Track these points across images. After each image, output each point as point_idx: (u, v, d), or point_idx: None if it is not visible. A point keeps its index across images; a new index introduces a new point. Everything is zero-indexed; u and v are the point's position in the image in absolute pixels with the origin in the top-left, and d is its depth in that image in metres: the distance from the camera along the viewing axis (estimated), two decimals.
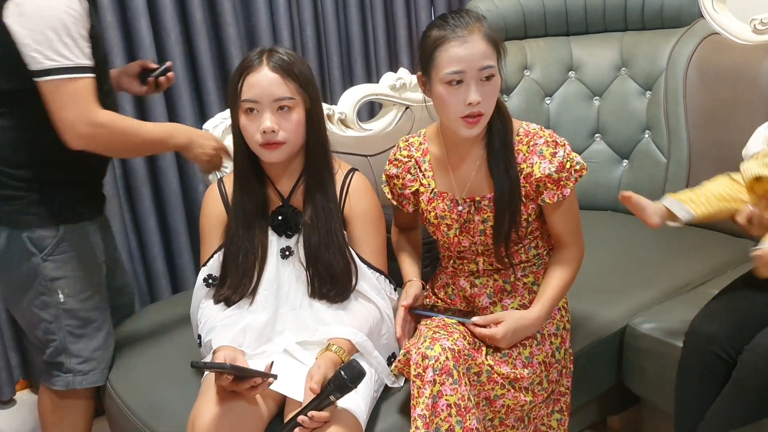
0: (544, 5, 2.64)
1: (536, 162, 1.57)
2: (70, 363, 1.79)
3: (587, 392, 1.90)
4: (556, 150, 1.57)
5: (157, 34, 2.43)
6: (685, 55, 2.43)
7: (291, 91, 1.54)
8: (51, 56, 1.54)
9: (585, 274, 1.95)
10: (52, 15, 1.54)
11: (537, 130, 1.61)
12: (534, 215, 1.63)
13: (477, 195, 1.62)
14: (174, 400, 1.67)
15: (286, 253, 1.64)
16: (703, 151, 2.37)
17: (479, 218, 1.62)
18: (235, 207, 1.65)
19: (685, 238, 2.32)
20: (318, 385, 1.39)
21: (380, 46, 2.95)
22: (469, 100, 1.48)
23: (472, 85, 1.48)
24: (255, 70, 1.54)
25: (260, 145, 1.56)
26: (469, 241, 1.66)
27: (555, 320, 1.68)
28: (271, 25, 2.63)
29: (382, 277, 1.66)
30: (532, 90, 2.63)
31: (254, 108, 1.54)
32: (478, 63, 1.47)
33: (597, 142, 2.62)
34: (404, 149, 1.70)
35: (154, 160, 2.50)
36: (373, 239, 1.67)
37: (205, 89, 2.55)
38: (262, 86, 1.53)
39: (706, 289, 1.87)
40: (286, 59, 1.55)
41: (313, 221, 1.61)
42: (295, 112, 1.55)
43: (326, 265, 1.60)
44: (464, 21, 1.49)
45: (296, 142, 1.59)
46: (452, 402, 1.42)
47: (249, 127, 1.55)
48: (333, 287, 1.61)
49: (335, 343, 1.51)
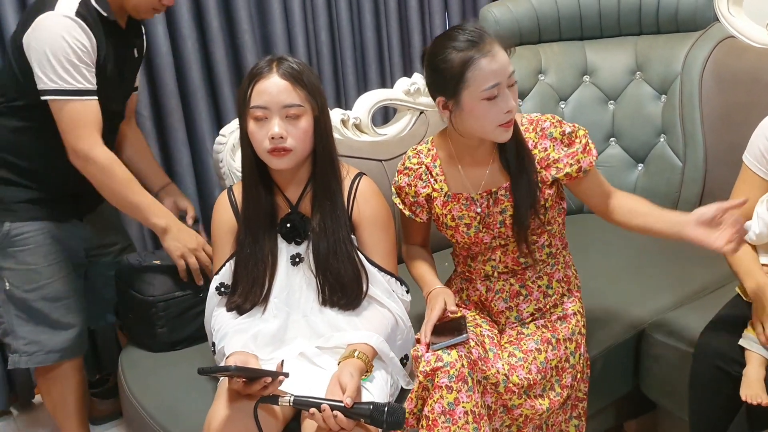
0: (559, 9, 2.63)
1: (549, 145, 1.60)
2: (17, 344, 1.97)
3: (604, 397, 1.89)
4: (563, 127, 1.61)
5: (174, 41, 2.46)
6: (701, 58, 2.42)
7: (300, 98, 1.55)
8: (53, 78, 1.74)
9: (600, 278, 1.95)
10: (64, 40, 1.73)
11: (539, 116, 1.64)
12: (551, 201, 1.64)
13: (494, 186, 1.63)
14: (190, 404, 1.68)
15: (296, 260, 1.65)
16: (719, 155, 2.35)
17: (497, 209, 1.63)
18: (244, 215, 1.66)
19: None
20: (352, 396, 1.38)
21: (394, 51, 2.96)
22: (508, 108, 1.51)
23: (507, 93, 1.51)
24: (264, 77, 1.55)
25: (268, 151, 1.56)
26: (490, 236, 1.66)
27: (570, 325, 1.67)
28: (287, 32, 2.65)
29: (393, 279, 1.67)
30: (547, 94, 2.63)
31: (263, 114, 1.55)
32: (508, 71, 1.51)
33: (612, 146, 2.61)
34: (413, 157, 1.71)
35: (170, 165, 2.52)
36: (383, 242, 1.67)
37: (221, 95, 2.57)
38: (271, 93, 1.54)
39: (723, 295, 1.85)
40: (296, 67, 1.57)
41: (321, 228, 1.62)
42: (303, 120, 1.56)
43: (335, 273, 1.61)
44: (480, 36, 1.50)
45: (304, 150, 1.59)
46: (468, 409, 1.42)
47: (257, 133, 1.56)
48: (343, 296, 1.62)
49: (357, 349, 1.51)
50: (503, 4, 2.67)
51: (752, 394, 1.50)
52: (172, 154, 2.52)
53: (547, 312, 1.69)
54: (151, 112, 2.46)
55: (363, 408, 1.37)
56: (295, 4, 2.64)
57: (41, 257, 1.92)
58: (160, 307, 1.89)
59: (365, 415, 1.36)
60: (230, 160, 2.09)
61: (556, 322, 1.68)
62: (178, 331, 1.91)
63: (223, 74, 2.55)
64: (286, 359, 1.57)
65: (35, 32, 1.75)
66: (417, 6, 2.95)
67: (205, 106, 2.54)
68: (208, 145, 2.54)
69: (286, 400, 1.39)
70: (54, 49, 1.73)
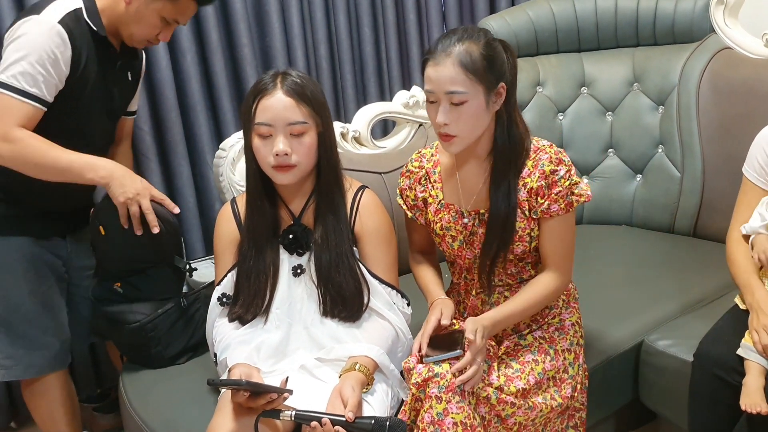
0: (556, 22, 2.65)
1: (537, 176, 1.58)
2: None
3: (604, 408, 1.89)
4: (557, 168, 1.57)
5: (174, 54, 2.47)
6: (698, 69, 2.43)
7: (304, 115, 1.56)
8: (6, 73, 1.72)
9: (600, 289, 1.96)
10: (35, 43, 1.72)
11: (545, 146, 1.61)
12: (537, 231, 1.63)
13: (482, 208, 1.64)
14: (191, 418, 1.68)
15: (298, 271, 1.66)
16: (717, 166, 2.36)
17: (482, 231, 1.64)
18: (247, 227, 1.67)
19: (700, 252, 2.32)
20: (353, 411, 1.39)
21: (393, 64, 2.97)
22: (437, 120, 1.52)
23: (445, 107, 1.51)
24: (269, 93, 1.56)
25: (273, 167, 1.58)
26: (472, 253, 1.66)
27: (569, 335, 1.68)
28: (286, 45, 2.67)
29: (394, 292, 1.67)
30: (545, 106, 2.64)
31: (267, 132, 1.56)
32: (445, 87, 1.50)
33: (610, 157, 2.62)
34: (416, 161, 1.73)
35: (170, 178, 2.53)
36: (385, 255, 1.68)
37: (221, 108, 2.58)
38: (275, 110, 1.55)
39: (722, 304, 1.86)
40: (299, 82, 1.57)
41: (323, 240, 1.63)
42: (307, 136, 1.58)
43: (337, 286, 1.62)
44: (446, 43, 1.50)
45: (308, 165, 1.61)
46: (458, 420, 1.42)
47: (262, 149, 1.58)
48: (344, 308, 1.63)
49: (358, 362, 1.52)
50: (501, 16, 2.69)
51: (752, 403, 1.50)
52: (172, 167, 2.53)
53: (545, 323, 1.70)
54: (151, 126, 2.47)
55: (364, 422, 1.38)
56: (294, 18, 2.66)
57: (18, 274, 1.89)
58: (148, 329, 1.87)
59: (366, 429, 1.37)
60: (230, 174, 2.10)
61: (554, 333, 1.68)
62: (172, 345, 1.90)
63: (222, 88, 2.56)
64: (287, 372, 1.57)
65: (14, 32, 1.75)
66: (415, 20, 2.97)
67: (205, 120, 2.55)
68: (208, 158, 2.55)
69: (288, 414, 1.39)
70: (21, 47, 1.72)
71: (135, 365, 1.94)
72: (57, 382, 2.03)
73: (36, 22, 1.75)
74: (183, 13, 1.89)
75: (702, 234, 2.43)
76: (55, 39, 1.74)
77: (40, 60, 1.72)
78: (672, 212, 2.48)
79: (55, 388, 2.04)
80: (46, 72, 1.74)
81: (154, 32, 1.88)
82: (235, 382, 1.42)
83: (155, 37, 1.89)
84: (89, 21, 1.82)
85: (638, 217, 2.57)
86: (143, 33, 1.87)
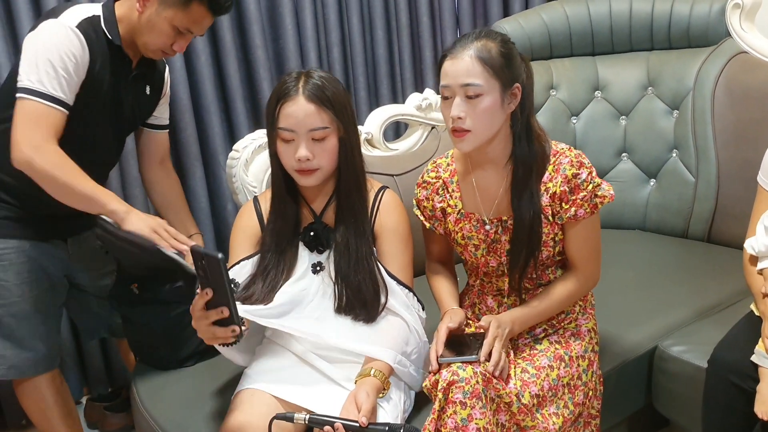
0: (570, 25, 2.64)
1: (560, 181, 1.57)
2: None
3: (616, 414, 1.88)
4: (579, 171, 1.57)
5: (188, 56, 2.48)
6: (713, 74, 2.42)
7: (325, 121, 1.57)
8: (31, 78, 1.73)
9: (613, 294, 1.94)
10: (56, 46, 1.73)
11: (565, 149, 1.61)
12: (561, 235, 1.63)
13: (504, 215, 1.63)
14: (203, 418, 1.68)
15: (317, 268, 1.66)
16: (732, 171, 2.35)
17: (506, 238, 1.63)
18: (270, 226, 1.67)
19: (715, 258, 2.30)
20: (367, 416, 1.38)
21: (406, 67, 2.97)
22: (451, 114, 1.52)
23: (458, 101, 1.51)
24: (291, 99, 1.57)
25: (295, 170, 1.60)
26: (496, 261, 1.66)
27: (584, 342, 1.67)
28: (299, 47, 2.67)
29: (410, 293, 1.67)
30: (559, 110, 2.63)
31: (290, 137, 1.58)
32: (461, 79, 1.50)
33: (624, 161, 2.61)
34: (432, 171, 1.72)
35: (183, 179, 2.54)
36: (402, 254, 1.68)
37: (235, 110, 2.59)
38: (298, 117, 1.56)
39: (736, 310, 1.84)
40: (321, 85, 1.58)
41: (343, 240, 1.64)
42: (328, 141, 1.59)
43: (355, 287, 1.62)
44: (466, 40, 1.53)
45: (330, 167, 1.62)
46: (481, 426, 1.42)
47: (285, 153, 1.60)
48: (362, 310, 1.62)
49: (374, 367, 1.51)
50: (514, 19, 2.68)
51: (767, 411, 1.49)
52: (185, 168, 2.54)
53: (561, 328, 1.69)
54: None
55: (378, 428, 1.37)
56: (307, 20, 2.66)
57: (13, 274, 1.88)
58: (160, 330, 1.89)
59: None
60: (243, 175, 2.10)
61: (569, 339, 1.67)
62: (182, 349, 1.91)
63: (236, 89, 2.57)
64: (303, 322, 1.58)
65: (32, 36, 1.76)
66: (428, 22, 2.97)
67: (218, 121, 2.56)
68: (221, 159, 2.56)
69: (302, 418, 1.39)
70: (42, 51, 1.73)
71: (147, 366, 1.95)
72: (47, 382, 2.02)
73: (55, 25, 1.76)
74: (196, 23, 1.88)
75: (716, 239, 2.41)
76: (74, 41, 1.75)
77: (62, 62, 1.73)
78: (686, 217, 2.46)
79: (46, 388, 2.02)
80: (67, 75, 1.75)
81: (168, 41, 1.87)
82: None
83: (170, 47, 1.89)
84: (105, 29, 1.84)
85: (652, 221, 2.56)
86: (156, 42, 1.87)
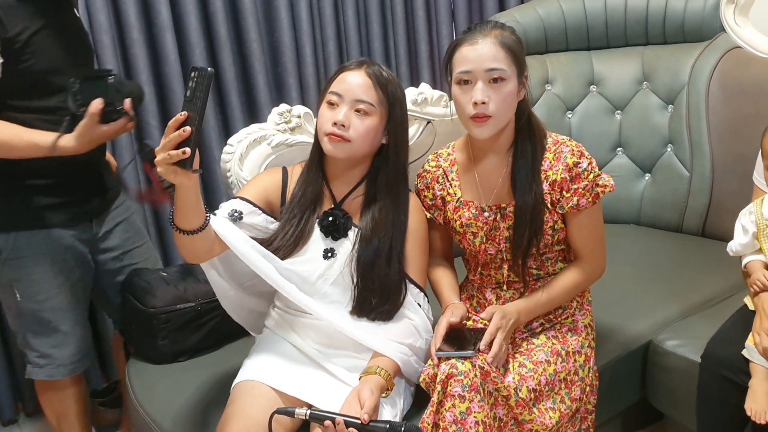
0: (565, 20, 2.64)
1: (560, 169, 1.59)
2: (31, 356, 1.95)
3: (611, 408, 1.89)
4: (580, 160, 1.59)
5: (182, 49, 2.47)
6: (708, 69, 2.42)
7: (373, 98, 1.57)
8: None
9: (608, 289, 1.95)
10: None
11: (565, 140, 1.63)
12: (561, 224, 1.63)
13: (503, 202, 1.64)
14: (199, 413, 1.68)
15: (329, 254, 1.63)
16: (726, 165, 2.36)
17: (504, 225, 1.64)
18: (298, 188, 1.66)
19: (709, 252, 2.31)
20: (369, 413, 1.38)
21: (402, 61, 2.97)
22: (475, 99, 1.52)
23: (480, 86, 1.52)
24: (351, 70, 1.60)
25: (327, 134, 1.58)
26: (495, 248, 1.66)
27: (580, 338, 1.67)
28: (294, 41, 2.67)
29: (422, 294, 1.66)
30: (554, 104, 2.63)
31: (336, 101, 1.58)
32: (486, 64, 1.51)
33: (619, 155, 2.61)
34: (432, 161, 1.74)
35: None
36: (420, 257, 1.67)
37: (229, 104, 2.58)
38: (350, 84, 1.58)
39: (731, 304, 1.85)
40: (385, 74, 1.60)
41: (372, 233, 1.60)
42: (370, 119, 1.58)
43: (382, 278, 1.59)
44: (483, 27, 1.55)
45: (361, 147, 1.59)
46: (480, 419, 1.42)
47: (324, 115, 1.60)
48: (383, 302, 1.59)
49: (380, 365, 1.50)
50: (510, 14, 2.68)
51: (758, 411, 1.49)
52: None
53: (558, 323, 1.69)
54: (159, 121, 2.46)
55: (379, 426, 1.36)
56: (302, 14, 2.66)
57: (48, 266, 1.87)
58: (161, 319, 1.88)
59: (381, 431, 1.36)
60: (238, 170, 2.10)
61: (566, 334, 1.67)
62: (179, 343, 1.91)
63: (230, 83, 2.56)
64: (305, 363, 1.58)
65: None
66: (424, 16, 2.97)
67: (213, 115, 2.55)
68: (216, 154, 2.55)
69: (303, 413, 1.38)
70: None
71: (140, 361, 1.95)
72: (73, 381, 2.03)
73: None
74: None
75: (710, 234, 2.42)
76: None
77: None
78: (680, 212, 2.47)
79: (71, 385, 2.03)
80: None
81: None
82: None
83: None
84: None
85: (646, 216, 2.57)
86: None
